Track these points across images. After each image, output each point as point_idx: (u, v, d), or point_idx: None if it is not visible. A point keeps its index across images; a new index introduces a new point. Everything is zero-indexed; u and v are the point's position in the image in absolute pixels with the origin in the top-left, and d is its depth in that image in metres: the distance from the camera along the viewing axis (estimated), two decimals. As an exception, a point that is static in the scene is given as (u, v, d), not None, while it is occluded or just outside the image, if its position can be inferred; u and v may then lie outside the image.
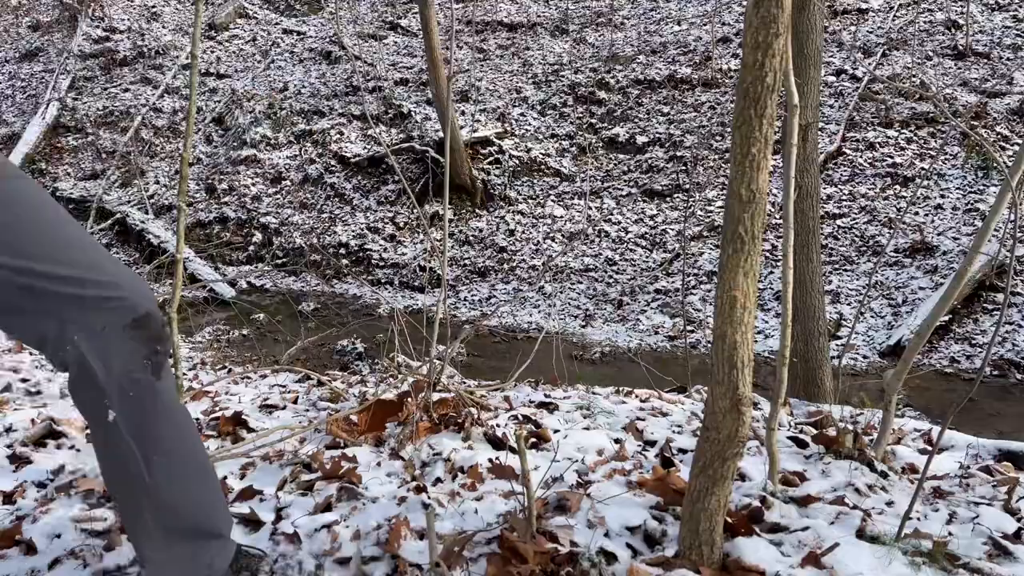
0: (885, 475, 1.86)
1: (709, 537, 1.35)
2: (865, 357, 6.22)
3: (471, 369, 5.29)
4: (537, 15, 13.72)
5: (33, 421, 2.23)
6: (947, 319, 6.27)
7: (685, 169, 9.53)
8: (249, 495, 1.72)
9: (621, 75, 11.47)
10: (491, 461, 1.89)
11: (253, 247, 9.68)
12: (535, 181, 10.05)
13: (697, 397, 3.05)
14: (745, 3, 1.23)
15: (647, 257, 8.55)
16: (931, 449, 1.91)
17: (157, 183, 10.84)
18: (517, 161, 10.21)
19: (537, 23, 13.48)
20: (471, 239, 9.32)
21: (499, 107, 11.23)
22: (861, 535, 1.51)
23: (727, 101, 10.42)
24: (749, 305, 1.21)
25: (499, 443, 2.05)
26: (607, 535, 1.52)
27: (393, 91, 11.74)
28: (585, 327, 7.33)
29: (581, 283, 8.28)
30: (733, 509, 1.60)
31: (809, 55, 3.60)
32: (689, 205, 9.00)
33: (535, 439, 2.12)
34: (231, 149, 11.20)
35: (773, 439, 1.73)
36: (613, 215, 9.29)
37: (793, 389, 3.76)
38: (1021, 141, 8.20)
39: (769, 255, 7.72)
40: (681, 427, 2.36)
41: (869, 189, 8.52)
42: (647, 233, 8.92)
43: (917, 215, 7.97)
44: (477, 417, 2.19)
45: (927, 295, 6.78)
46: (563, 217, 9.41)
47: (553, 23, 13.43)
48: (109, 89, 12.47)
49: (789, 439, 2.17)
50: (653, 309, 7.62)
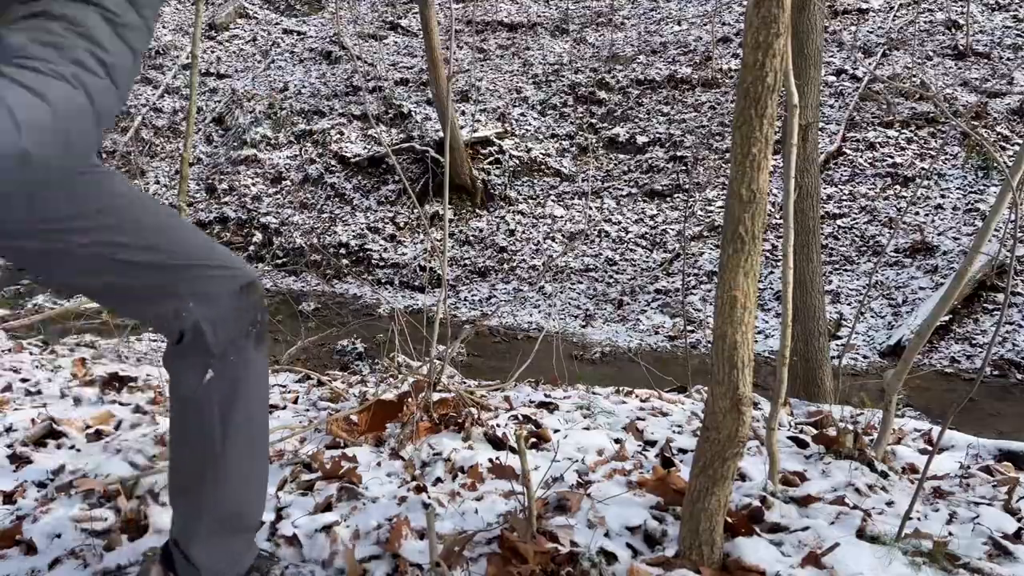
0: (885, 475, 1.86)
1: (709, 537, 1.35)
2: (865, 357, 6.22)
3: (471, 369, 5.30)
4: (537, 15, 13.72)
5: (33, 421, 2.23)
6: (947, 319, 6.27)
7: (685, 169, 9.53)
8: (249, 495, 1.72)
9: (621, 75, 11.47)
10: (491, 461, 1.89)
11: (253, 247, 9.68)
12: (535, 181, 10.06)
13: (697, 397, 3.05)
14: (745, 3, 1.23)
15: (647, 257, 8.55)
16: (931, 449, 1.91)
17: (157, 183, 10.85)
18: (517, 161, 10.22)
19: (537, 23, 13.48)
20: (471, 239, 9.32)
21: (499, 107, 11.24)
22: (861, 535, 1.51)
23: (727, 101, 10.42)
24: (749, 305, 1.21)
25: (499, 443, 2.05)
26: (607, 535, 1.52)
27: (393, 91, 11.74)
28: (585, 327, 7.33)
29: (581, 283, 8.28)
30: (733, 509, 1.60)
31: (809, 55, 3.60)
32: (689, 205, 9.00)
33: (535, 439, 2.12)
34: (231, 149, 11.21)
35: (773, 439, 1.73)
36: (613, 215, 9.29)
37: (793, 389, 3.76)
38: (1021, 141, 8.20)
39: (769, 255, 7.72)
40: (681, 427, 2.36)
41: (869, 189, 8.52)
42: (647, 233, 8.92)
43: (917, 215, 7.97)
44: (477, 417, 2.19)
45: (927, 295, 6.78)
46: (563, 217, 9.41)
47: (553, 23, 13.44)
48: (109, 89, 12.46)
49: (789, 439, 2.17)
50: (653, 309, 7.63)
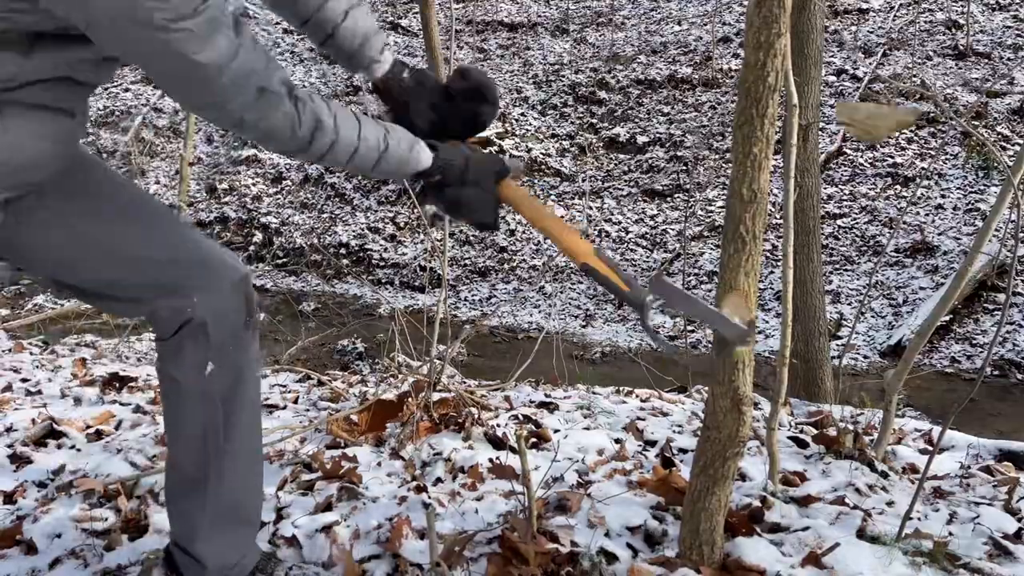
0: (885, 475, 1.86)
1: (710, 537, 1.35)
2: (866, 357, 6.22)
3: (471, 369, 5.29)
4: (537, 15, 13.72)
5: (34, 421, 2.23)
6: (948, 319, 6.27)
7: (685, 169, 9.53)
8: (249, 495, 1.72)
9: (621, 75, 11.47)
10: (491, 461, 1.89)
11: (253, 247, 9.69)
12: (536, 181, 10.06)
13: (698, 397, 3.05)
14: (746, 3, 1.23)
15: (648, 257, 8.55)
16: (932, 449, 1.91)
17: (158, 183, 10.85)
18: (518, 161, 10.22)
19: (537, 23, 13.48)
20: (471, 239, 9.32)
21: (499, 107, 11.24)
22: (861, 535, 1.51)
23: (728, 101, 10.42)
24: (750, 305, 1.21)
25: (499, 443, 2.05)
26: (607, 535, 1.52)
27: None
28: (585, 327, 7.33)
29: (581, 283, 8.28)
30: (734, 509, 1.60)
31: (810, 55, 3.59)
32: (689, 205, 9.00)
33: (535, 439, 2.12)
34: (232, 149, 11.21)
35: (773, 439, 1.73)
36: (613, 215, 9.29)
37: (793, 389, 3.76)
38: (1022, 141, 8.20)
39: (769, 255, 7.72)
40: (681, 427, 2.36)
41: (870, 189, 8.52)
42: (647, 233, 8.92)
43: (918, 215, 7.97)
44: (477, 417, 2.19)
45: (928, 295, 6.78)
46: (564, 217, 9.41)
47: (553, 23, 13.44)
48: (110, 89, 12.47)
49: (789, 439, 2.17)
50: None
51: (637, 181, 9.73)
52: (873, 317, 6.79)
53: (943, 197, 8.13)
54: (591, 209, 9.38)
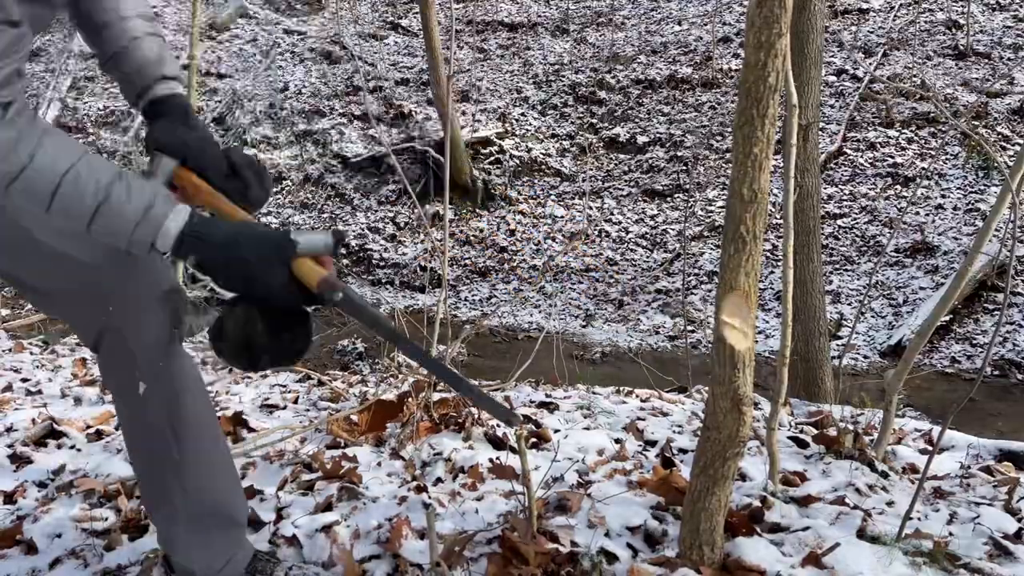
0: (886, 475, 1.86)
1: (710, 537, 1.35)
2: (866, 357, 6.22)
3: (471, 369, 5.29)
4: (538, 15, 13.72)
5: (34, 421, 2.23)
6: (948, 319, 6.27)
7: (686, 169, 9.53)
8: (250, 495, 1.72)
9: (622, 75, 11.47)
10: (491, 461, 1.89)
11: (254, 247, 9.68)
12: (536, 181, 10.06)
13: (698, 397, 3.05)
14: (746, 3, 1.23)
15: (648, 257, 8.55)
16: (932, 449, 1.91)
17: (158, 183, 10.84)
18: (518, 161, 10.22)
19: (538, 23, 13.48)
20: (472, 239, 9.32)
21: (500, 107, 11.24)
22: (862, 535, 1.51)
23: (728, 101, 10.42)
24: (750, 305, 1.21)
25: (499, 443, 2.05)
26: (608, 535, 1.52)
27: (394, 91, 11.74)
28: (586, 327, 7.33)
29: (582, 283, 8.28)
30: (734, 509, 1.60)
31: (810, 55, 3.60)
32: (690, 205, 9.00)
33: (535, 439, 2.12)
34: (232, 149, 11.21)
35: (773, 439, 1.73)
36: (614, 215, 9.29)
37: (793, 389, 3.76)
38: (1022, 141, 8.20)
39: (770, 255, 7.72)
40: (682, 427, 2.36)
41: (870, 189, 8.52)
42: (648, 233, 8.92)
43: (918, 215, 7.97)
44: (478, 417, 2.19)
45: (928, 295, 6.78)
46: (564, 217, 9.41)
47: (554, 23, 13.44)
48: (110, 89, 12.47)
49: (790, 439, 2.17)
50: (654, 309, 7.63)
51: (637, 181, 9.73)
52: (873, 317, 6.79)
53: (943, 197, 8.13)
54: (591, 209, 9.38)
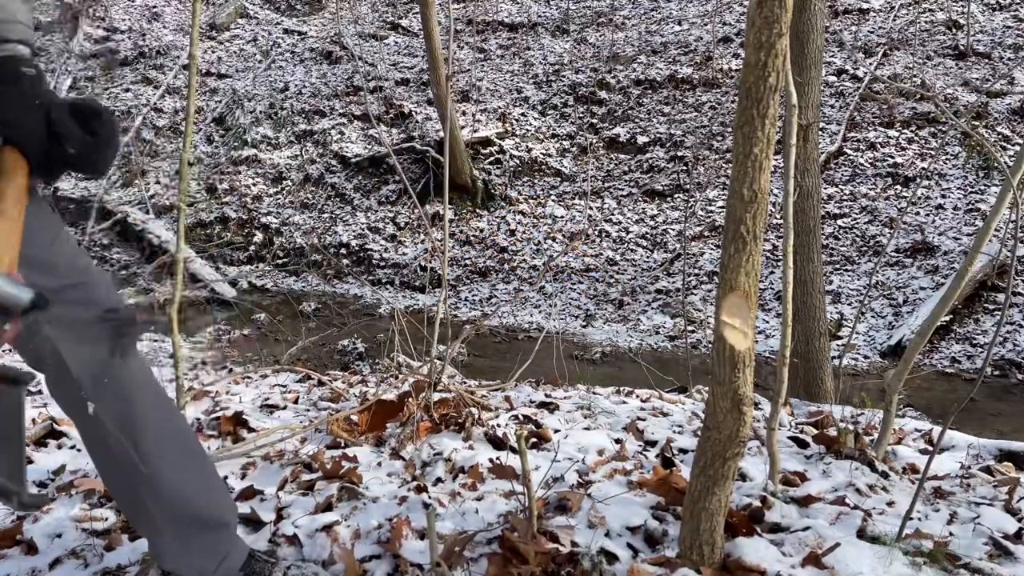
0: (886, 475, 1.85)
1: (710, 537, 1.35)
2: (866, 357, 6.22)
3: (472, 369, 5.29)
4: (538, 15, 13.72)
5: (34, 421, 2.23)
6: (948, 319, 6.27)
7: (686, 169, 9.53)
8: (250, 495, 1.72)
9: (622, 75, 11.47)
10: (492, 461, 1.89)
11: (254, 247, 9.68)
12: (536, 181, 10.06)
13: (698, 397, 3.05)
14: (746, 3, 1.23)
15: (648, 257, 8.55)
16: (932, 449, 1.91)
17: (158, 183, 10.84)
18: (518, 161, 10.22)
19: (538, 23, 13.48)
20: (472, 239, 9.32)
21: (500, 107, 11.24)
22: (862, 535, 1.51)
23: (728, 101, 10.42)
24: (750, 305, 1.21)
25: (500, 443, 2.05)
26: (608, 535, 1.52)
27: (394, 91, 11.74)
28: (586, 327, 7.33)
29: (582, 283, 8.28)
30: (734, 509, 1.60)
31: (810, 55, 3.60)
32: (690, 205, 9.00)
33: (536, 439, 2.12)
34: (232, 149, 11.21)
35: (774, 439, 1.73)
36: (614, 215, 9.29)
37: (794, 389, 3.76)
38: (1022, 141, 8.20)
39: (770, 255, 7.72)
40: (682, 427, 2.36)
41: (870, 189, 8.52)
42: (648, 233, 8.92)
43: (918, 215, 7.97)
44: (478, 417, 2.19)
45: (928, 295, 6.77)
46: (564, 217, 9.41)
47: (554, 23, 13.43)
48: (110, 89, 12.48)
49: (790, 439, 2.17)
50: (654, 309, 7.62)
51: (637, 181, 9.73)
52: (873, 317, 6.79)
53: (943, 197, 8.13)
54: (591, 209, 9.38)
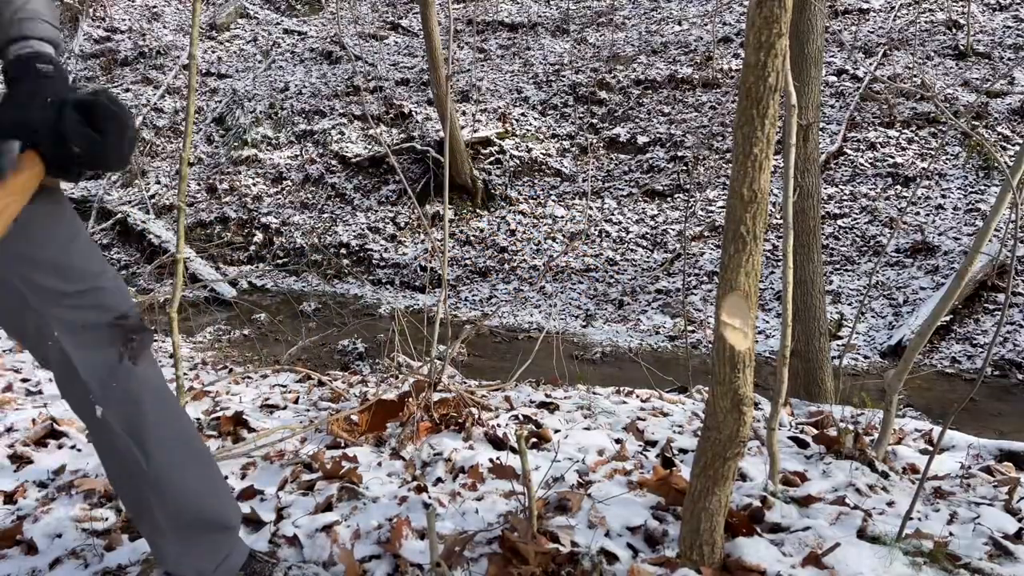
0: (886, 475, 1.85)
1: (710, 537, 1.35)
2: (866, 357, 6.22)
3: (472, 369, 5.29)
4: (538, 15, 13.72)
5: (34, 421, 2.23)
6: (948, 319, 6.27)
7: (686, 169, 9.53)
8: (250, 495, 1.72)
9: (622, 75, 11.47)
10: (492, 461, 1.89)
11: (254, 247, 9.68)
12: (536, 181, 10.06)
13: (698, 397, 3.05)
14: (746, 3, 1.23)
15: (648, 257, 8.55)
16: (932, 449, 1.91)
17: (158, 183, 10.85)
18: (518, 161, 10.22)
19: (538, 23, 13.48)
20: (472, 239, 9.32)
21: (500, 107, 11.23)
22: (862, 535, 1.51)
23: (728, 101, 10.42)
24: (750, 305, 1.21)
25: (500, 443, 2.05)
26: (608, 535, 1.52)
27: (394, 91, 11.74)
28: (586, 327, 7.33)
29: (582, 283, 8.28)
30: (734, 509, 1.60)
31: (810, 55, 3.60)
32: (690, 205, 9.00)
33: (536, 439, 2.12)
34: (232, 149, 11.21)
35: (774, 439, 1.73)
36: (614, 215, 9.29)
37: (794, 389, 3.76)
38: (1022, 141, 8.19)
39: (770, 255, 7.72)
40: (682, 427, 2.36)
41: (870, 189, 8.52)
42: (648, 233, 8.92)
43: (918, 215, 7.97)
44: (478, 417, 2.19)
45: (928, 295, 6.77)
46: (564, 217, 9.41)
47: (554, 23, 13.43)
48: (110, 89, 12.48)
49: (790, 439, 2.17)
50: (654, 309, 7.62)
51: (637, 181, 9.73)
52: (873, 317, 6.79)
53: (943, 197, 8.13)
54: (591, 209, 9.38)
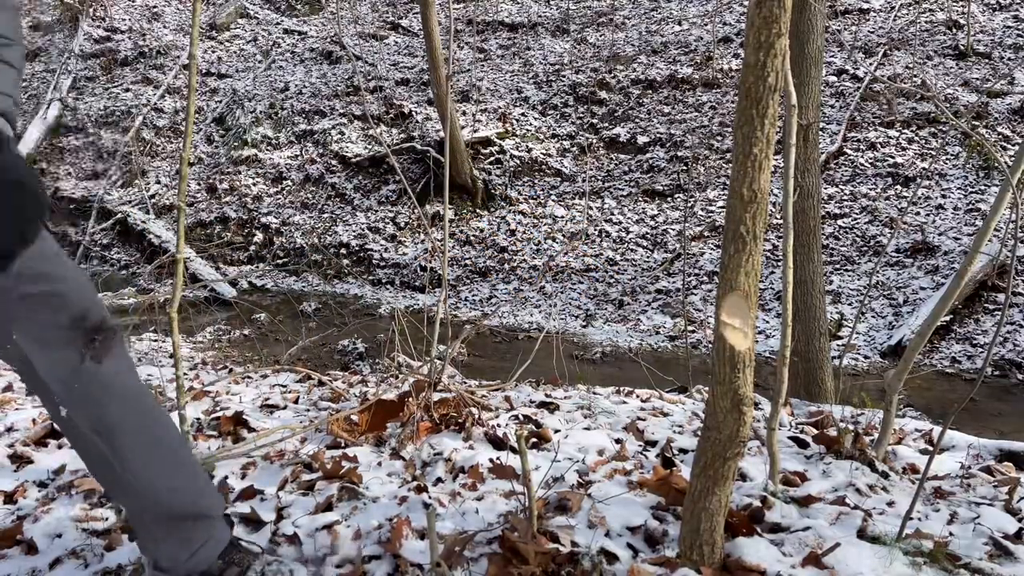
0: (886, 475, 1.85)
1: (710, 537, 1.35)
2: (866, 357, 6.21)
3: (472, 369, 5.29)
4: (538, 15, 13.72)
5: (34, 421, 2.23)
6: (948, 319, 6.27)
7: (686, 169, 9.52)
8: (250, 495, 1.72)
9: (622, 75, 11.46)
10: (492, 461, 1.89)
11: (254, 247, 9.69)
12: (536, 181, 10.05)
13: (698, 397, 3.05)
14: (746, 3, 1.23)
15: (648, 257, 8.55)
16: (932, 449, 1.91)
17: (158, 183, 10.85)
18: (518, 161, 10.22)
19: (538, 23, 13.48)
20: (472, 239, 9.32)
21: (500, 107, 11.23)
22: (862, 535, 1.50)
23: (728, 101, 10.42)
24: (750, 305, 1.21)
25: (500, 443, 2.05)
26: (608, 535, 1.52)
27: (394, 91, 11.74)
28: (586, 327, 7.33)
29: (582, 283, 8.28)
30: (734, 509, 1.60)
31: (810, 55, 3.60)
32: (690, 205, 9.00)
33: (536, 439, 2.12)
34: (232, 149, 11.21)
35: (774, 439, 1.73)
36: (614, 215, 9.29)
37: (794, 389, 3.76)
38: (1022, 141, 8.19)
39: (770, 255, 7.72)
40: (682, 427, 2.36)
41: (870, 189, 8.52)
42: (648, 233, 8.92)
43: (918, 215, 7.97)
44: (478, 417, 2.19)
45: (928, 295, 6.77)
46: (564, 217, 9.41)
47: (554, 23, 13.43)
48: (110, 89, 12.48)
49: (790, 439, 2.17)
50: (654, 309, 7.62)
51: (637, 181, 9.73)
52: (873, 317, 6.79)
53: (943, 197, 8.13)
54: (591, 209, 9.38)
